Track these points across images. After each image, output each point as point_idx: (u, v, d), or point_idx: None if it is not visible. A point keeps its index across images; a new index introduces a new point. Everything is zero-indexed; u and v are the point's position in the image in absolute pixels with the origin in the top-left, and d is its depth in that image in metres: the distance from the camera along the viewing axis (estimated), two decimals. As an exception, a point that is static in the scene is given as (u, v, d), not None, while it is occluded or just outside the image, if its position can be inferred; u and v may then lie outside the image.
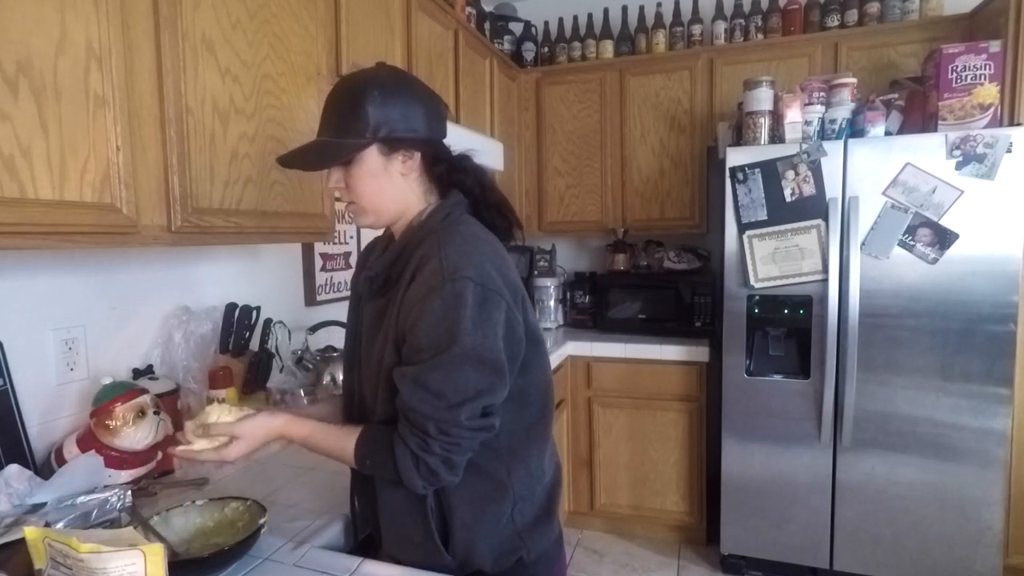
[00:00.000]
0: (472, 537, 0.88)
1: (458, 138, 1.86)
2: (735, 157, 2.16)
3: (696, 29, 2.78)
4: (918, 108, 2.10)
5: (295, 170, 1.27)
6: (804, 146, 2.07)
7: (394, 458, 0.81)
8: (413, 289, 0.82)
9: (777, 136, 2.16)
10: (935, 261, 1.98)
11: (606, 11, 2.95)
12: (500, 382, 0.82)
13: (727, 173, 2.17)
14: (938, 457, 2.03)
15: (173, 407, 1.26)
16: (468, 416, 0.80)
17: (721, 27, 2.69)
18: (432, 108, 0.91)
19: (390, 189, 0.90)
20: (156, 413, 1.13)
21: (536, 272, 2.96)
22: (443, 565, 0.88)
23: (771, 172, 2.12)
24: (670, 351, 2.50)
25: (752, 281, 2.18)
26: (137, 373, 1.29)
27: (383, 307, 0.89)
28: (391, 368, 0.84)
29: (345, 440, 0.87)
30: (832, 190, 2.06)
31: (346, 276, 2.11)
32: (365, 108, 0.84)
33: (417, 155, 0.90)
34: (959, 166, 1.93)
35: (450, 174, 0.94)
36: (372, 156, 0.87)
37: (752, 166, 2.14)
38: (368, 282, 0.93)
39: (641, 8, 2.86)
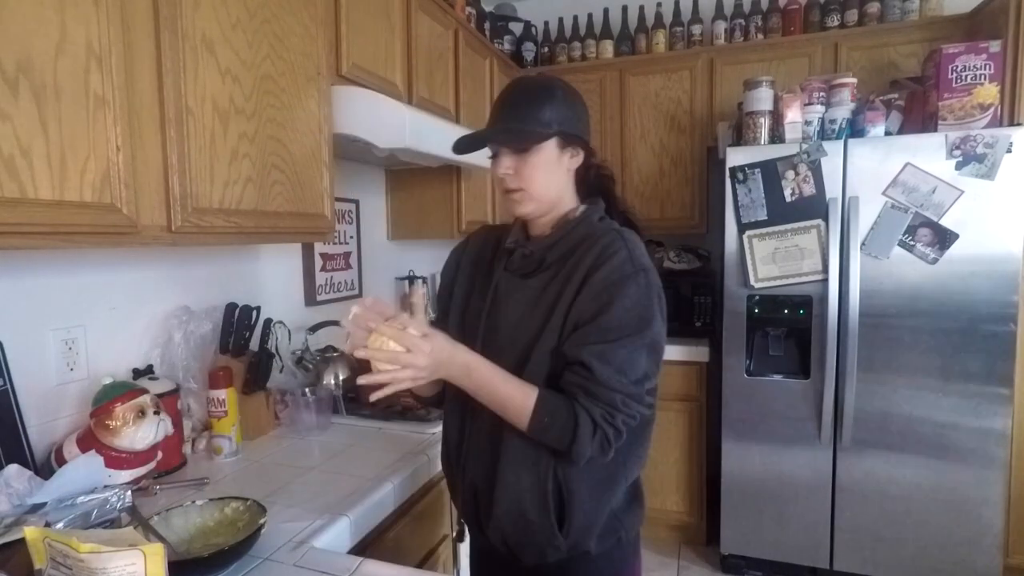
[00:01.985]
0: (589, 522, 0.93)
1: (457, 138, 1.87)
2: (735, 157, 2.16)
3: (696, 29, 2.78)
4: (918, 108, 2.10)
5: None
6: (804, 146, 2.07)
7: (576, 424, 0.85)
8: (601, 274, 0.88)
9: (777, 136, 2.16)
10: (935, 261, 1.98)
11: (606, 11, 2.95)
12: (659, 371, 0.92)
13: (727, 173, 2.17)
14: (938, 457, 2.03)
15: (173, 407, 1.26)
16: (644, 395, 0.89)
17: (721, 27, 2.69)
18: (589, 118, 1.01)
19: (558, 181, 0.96)
20: (156, 413, 1.13)
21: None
22: (553, 545, 0.92)
23: (771, 172, 2.12)
24: (670, 351, 2.46)
25: (752, 281, 2.18)
26: (137, 373, 1.29)
27: (540, 286, 0.94)
28: (552, 344, 0.89)
29: (526, 396, 0.87)
30: (832, 190, 2.06)
31: (346, 276, 2.11)
32: (552, 103, 0.92)
33: (582, 154, 0.98)
34: (959, 166, 1.93)
35: (597, 179, 1.03)
36: (551, 147, 0.93)
37: (752, 166, 2.14)
38: (522, 259, 0.98)
39: (641, 8, 2.86)
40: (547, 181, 0.95)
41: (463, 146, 0.95)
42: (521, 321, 0.94)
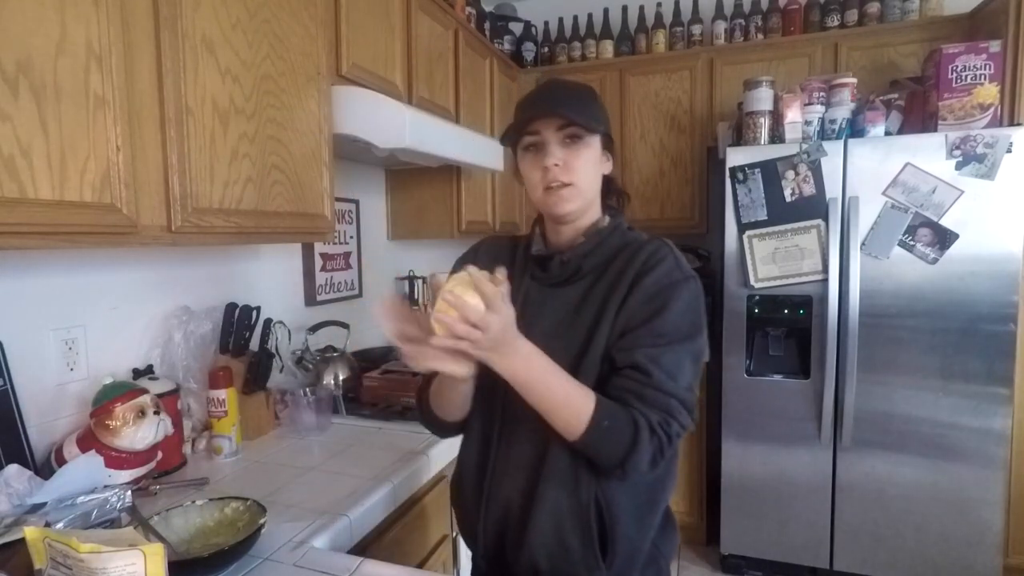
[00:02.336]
0: (633, 549, 0.87)
1: (458, 138, 1.87)
2: (735, 157, 2.16)
3: (696, 29, 2.78)
4: (918, 108, 2.10)
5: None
6: (804, 146, 2.07)
7: (636, 430, 0.79)
8: (652, 279, 0.85)
9: (777, 136, 2.16)
10: (935, 261, 1.98)
11: (606, 11, 2.95)
12: (698, 382, 0.88)
13: (727, 173, 2.17)
14: (938, 457, 2.03)
15: (173, 407, 1.26)
16: (695, 404, 0.84)
17: (721, 27, 2.69)
18: None
19: (598, 181, 0.93)
20: (156, 413, 1.14)
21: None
22: None
23: (771, 172, 2.12)
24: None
25: (752, 281, 2.18)
26: (137, 373, 1.29)
27: (579, 294, 0.90)
28: (601, 351, 0.84)
29: (586, 396, 0.79)
30: (832, 190, 2.06)
31: (346, 276, 2.11)
32: (596, 102, 0.92)
33: (611, 161, 0.96)
34: (959, 166, 1.93)
35: (618, 195, 1.01)
36: (597, 144, 0.91)
37: (752, 166, 2.14)
38: (559, 267, 0.92)
39: (641, 8, 2.86)
40: (594, 179, 0.91)
41: (518, 126, 0.89)
42: (558, 330, 0.88)
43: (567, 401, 0.79)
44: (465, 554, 1.46)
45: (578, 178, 0.88)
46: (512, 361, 0.76)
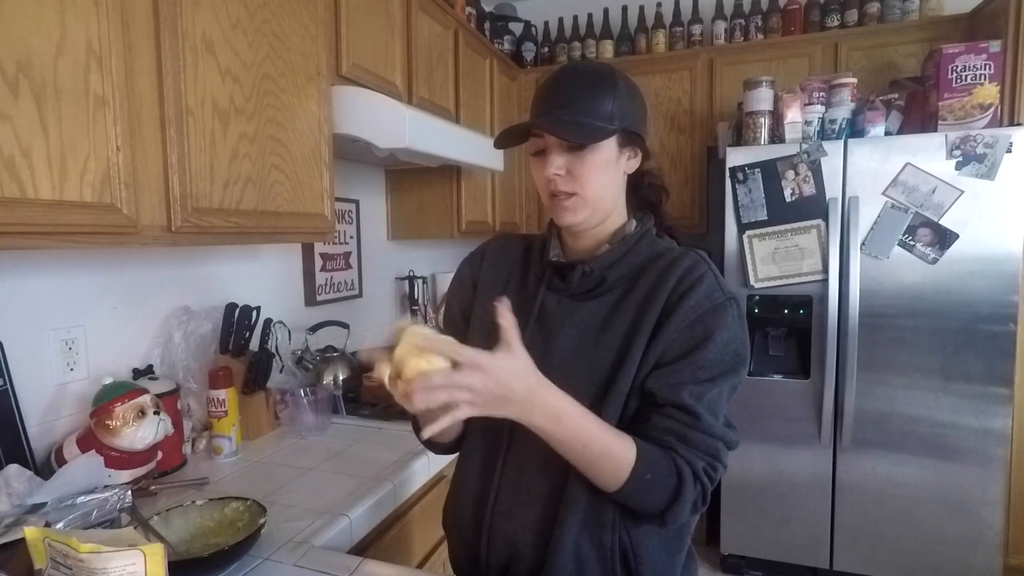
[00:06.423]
0: None
1: (458, 138, 1.87)
2: (735, 157, 2.16)
3: (696, 29, 2.78)
4: (918, 108, 2.10)
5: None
6: (804, 146, 2.07)
7: (679, 480, 0.71)
8: (691, 302, 0.75)
9: (777, 136, 2.16)
10: (935, 261, 1.98)
11: (606, 11, 2.95)
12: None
13: (727, 173, 2.17)
14: (938, 457, 2.03)
15: (173, 407, 1.26)
16: (736, 441, 0.77)
17: (721, 27, 2.69)
18: (647, 115, 0.87)
19: (615, 185, 0.83)
20: (156, 413, 1.13)
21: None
22: None
23: (771, 172, 2.12)
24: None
25: (752, 281, 2.18)
26: (137, 373, 1.29)
27: (604, 311, 0.81)
28: (631, 381, 0.75)
29: (625, 447, 0.71)
30: (832, 190, 2.06)
31: (346, 276, 2.11)
32: (615, 94, 0.79)
33: (639, 157, 0.85)
34: (959, 166, 1.93)
35: (649, 189, 0.89)
36: (610, 145, 0.79)
37: (752, 166, 2.14)
38: (582, 278, 0.82)
39: (641, 8, 2.86)
40: (605, 185, 0.80)
41: (510, 138, 0.81)
42: (581, 350, 0.79)
43: (607, 458, 0.70)
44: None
45: (584, 187, 0.79)
46: (534, 419, 0.68)
